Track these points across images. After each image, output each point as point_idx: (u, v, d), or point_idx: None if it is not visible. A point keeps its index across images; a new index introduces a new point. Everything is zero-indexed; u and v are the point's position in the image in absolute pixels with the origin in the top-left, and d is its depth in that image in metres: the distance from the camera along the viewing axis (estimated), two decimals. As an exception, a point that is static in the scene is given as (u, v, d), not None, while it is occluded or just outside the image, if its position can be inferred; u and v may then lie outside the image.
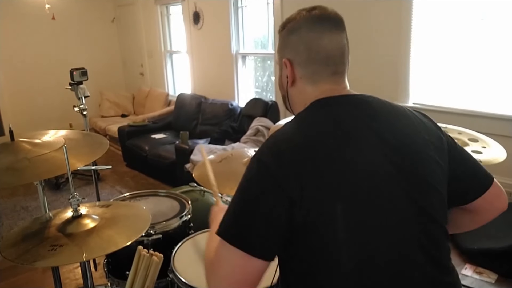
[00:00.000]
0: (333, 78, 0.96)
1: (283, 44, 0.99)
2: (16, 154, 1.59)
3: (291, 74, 0.97)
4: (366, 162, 0.85)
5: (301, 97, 0.98)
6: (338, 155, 0.84)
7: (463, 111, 2.95)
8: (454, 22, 2.93)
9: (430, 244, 0.88)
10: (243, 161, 1.88)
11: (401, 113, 0.97)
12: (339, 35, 0.95)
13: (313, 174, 0.82)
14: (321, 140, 0.86)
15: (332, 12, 0.97)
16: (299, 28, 0.95)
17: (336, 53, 0.95)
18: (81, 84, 2.43)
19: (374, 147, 0.87)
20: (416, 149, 0.91)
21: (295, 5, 4.37)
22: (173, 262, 1.57)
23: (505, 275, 2.11)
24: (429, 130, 0.96)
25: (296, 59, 0.96)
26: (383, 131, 0.90)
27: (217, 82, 5.20)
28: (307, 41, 0.94)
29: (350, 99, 0.95)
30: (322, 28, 0.94)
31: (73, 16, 6.54)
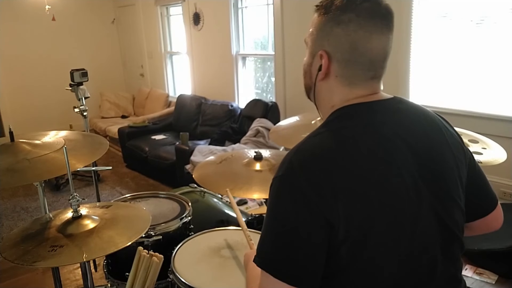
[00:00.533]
0: (370, 82, 0.88)
1: (324, 31, 0.87)
2: (16, 155, 1.59)
3: (326, 69, 0.88)
4: (395, 177, 0.81)
5: (330, 95, 0.90)
6: (369, 168, 0.79)
7: (463, 112, 2.95)
8: (454, 22, 2.93)
9: (448, 260, 0.87)
10: (243, 162, 1.88)
11: (432, 123, 0.92)
12: (387, 37, 0.87)
13: (349, 191, 0.77)
14: (355, 154, 0.80)
15: (385, 7, 0.86)
16: (348, 22, 0.84)
17: (380, 57, 0.87)
18: (81, 85, 2.43)
19: (406, 160, 0.83)
20: (443, 164, 0.88)
21: (295, 6, 4.37)
22: (173, 263, 1.57)
23: (505, 275, 2.11)
24: (456, 143, 0.93)
25: (336, 56, 0.86)
26: (415, 143, 0.85)
27: (217, 83, 5.21)
28: (354, 40, 0.84)
29: (383, 106, 0.88)
30: (373, 27, 0.84)
31: (73, 17, 6.55)
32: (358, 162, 0.79)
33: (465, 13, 2.86)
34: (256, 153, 1.86)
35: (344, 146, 0.81)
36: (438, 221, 0.85)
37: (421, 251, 0.83)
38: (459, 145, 0.95)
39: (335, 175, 0.77)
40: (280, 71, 4.27)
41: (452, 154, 0.90)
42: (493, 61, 2.80)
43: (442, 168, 0.87)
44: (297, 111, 2.95)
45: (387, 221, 0.79)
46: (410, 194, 0.81)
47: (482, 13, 2.78)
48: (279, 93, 4.37)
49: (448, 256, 0.87)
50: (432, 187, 0.84)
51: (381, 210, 0.79)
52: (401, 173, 0.82)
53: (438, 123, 0.93)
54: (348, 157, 0.79)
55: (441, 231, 0.85)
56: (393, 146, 0.83)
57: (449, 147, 0.91)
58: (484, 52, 2.82)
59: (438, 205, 0.85)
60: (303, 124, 1.98)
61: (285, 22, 4.06)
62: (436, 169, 0.86)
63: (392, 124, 0.86)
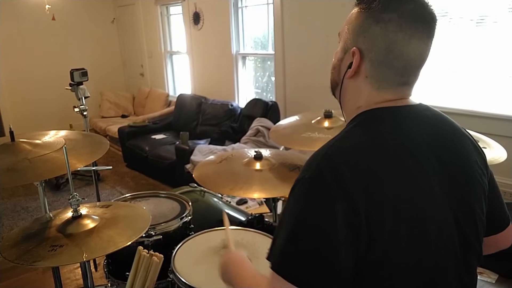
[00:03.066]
0: (401, 88, 0.85)
1: (361, 28, 0.83)
2: (16, 155, 1.60)
3: (356, 67, 0.84)
4: (421, 182, 0.79)
5: (357, 96, 0.87)
6: (396, 172, 0.77)
7: (464, 111, 2.95)
8: (454, 22, 2.93)
9: (466, 273, 0.85)
10: (243, 162, 1.88)
11: (459, 133, 0.90)
12: (427, 44, 0.82)
13: (379, 198, 0.74)
14: (385, 160, 0.78)
15: (430, 11, 0.82)
16: (388, 22, 0.79)
17: (415, 63, 0.83)
18: (81, 85, 2.43)
19: (433, 168, 0.81)
20: (469, 174, 0.86)
21: (295, 5, 4.37)
22: (173, 263, 1.57)
23: (506, 275, 2.11)
24: (478, 153, 0.91)
25: (369, 55, 0.82)
26: (442, 151, 0.84)
27: (217, 82, 5.21)
28: (391, 41, 0.80)
29: (412, 112, 0.85)
30: (413, 30, 0.80)
31: (73, 16, 6.54)
32: (388, 169, 0.77)
33: (465, 13, 2.86)
34: (256, 153, 1.86)
35: (374, 152, 0.78)
36: (459, 231, 0.83)
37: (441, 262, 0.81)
38: (482, 156, 0.93)
39: (364, 179, 0.75)
40: (280, 70, 4.26)
41: (477, 165, 0.88)
42: (493, 61, 2.80)
43: (467, 179, 0.86)
44: (297, 110, 2.95)
45: (413, 229, 0.77)
46: (437, 203, 0.80)
47: (482, 13, 2.78)
48: (279, 92, 4.37)
49: (466, 267, 0.86)
50: (457, 197, 0.83)
51: (408, 218, 0.77)
52: (428, 181, 0.80)
53: (462, 133, 0.91)
54: (378, 163, 0.77)
55: (461, 241, 0.83)
56: (420, 154, 0.81)
57: (475, 158, 0.89)
58: (484, 51, 2.82)
59: (461, 216, 0.83)
60: (303, 123, 1.98)
61: (285, 22, 4.06)
62: (461, 179, 0.85)
63: (420, 131, 0.84)
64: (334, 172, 0.75)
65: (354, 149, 0.79)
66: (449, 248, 0.82)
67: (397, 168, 0.78)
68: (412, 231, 0.77)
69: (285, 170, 1.81)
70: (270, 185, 1.73)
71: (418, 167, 0.80)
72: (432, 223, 0.79)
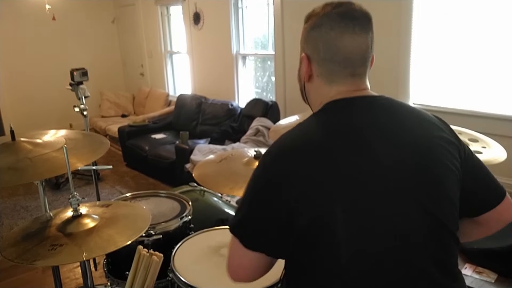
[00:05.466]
0: (351, 79, 0.94)
1: (304, 38, 0.97)
2: (17, 154, 1.60)
3: (308, 70, 0.96)
4: (373, 167, 0.84)
5: (317, 94, 0.97)
6: (345, 159, 0.84)
7: (463, 111, 2.95)
8: (454, 21, 2.93)
9: (440, 251, 0.87)
10: (243, 161, 1.88)
11: (417, 117, 0.95)
12: (362, 36, 0.92)
13: (315, 175, 0.82)
14: (328, 144, 0.86)
15: (358, 10, 0.93)
16: (321, 25, 0.92)
17: (356, 55, 0.92)
18: (81, 84, 2.44)
19: (384, 151, 0.85)
20: (428, 154, 0.89)
21: (295, 6, 4.37)
22: (173, 262, 1.57)
23: (505, 274, 2.11)
24: (443, 136, 0.94)
25: (314, 57, 0.95)
26: (396, 135, 0.88)
27: (217, 82, 5.21)
28: (326, 40, 0.92)
29: (364, 101, 0.93)
30: (344, 27, 0.91)
31: (73, 16, 6.55)
32: (333, 152, 0.84)
33: (466, 12, 2.86)
34: (256, 152, 1.87)
35: (323, 136, 0.87)
36: (425, 212, 0.85)
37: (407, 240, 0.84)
38: (449, 139, 0.94)
39: (308, 164, 0.83)
40: (280, 70, 4.27)
41: (441, 147, 0.91)
42: (493, 60, 2.80)
43: (429, 160, 0.88)
44: (297, 110, 2.95)
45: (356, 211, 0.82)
46: (393, 186, 0.84)
47: (482, 12, 2.78)
48: (279, 92, 4.37)
49: (441, 247, 0.87)
50: (417, 179, 0.86)
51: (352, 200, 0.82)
52: (378, 163, 0.84)
53: (425, 119, 0.95)
54: (326, 147, 0.85)
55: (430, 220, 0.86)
56: (371, 138, 0.86)
57: (437, 141, 0.91)
58: (484, 51, 2.82)
59: (425, 196, 0.85)
60: (303, 123, 1.98)
61: (285, 22, 4.06)
62: (422, 161, 0.87)
63: (371, 117, 0.90)
64: (278, 155, 0.88)
65: (300, 137, 0.89)
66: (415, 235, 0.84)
67: (341, 154, 0.84)
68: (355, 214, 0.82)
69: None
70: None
71: (364, 151, 0.85)
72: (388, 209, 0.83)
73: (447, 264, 0.90)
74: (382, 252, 0.83)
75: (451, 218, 0.90)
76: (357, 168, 0.83)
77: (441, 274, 0.87)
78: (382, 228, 0.83)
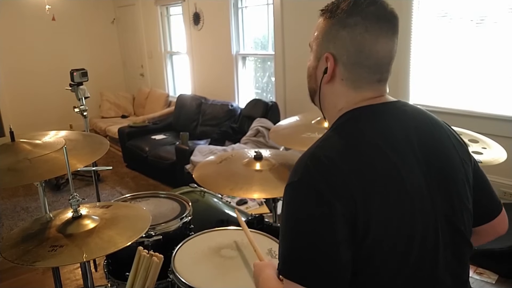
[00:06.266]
0: (377, 85, 0.89)
1: (329, 35, 0.88)
2: (17, 155, 1.60)
3: (331, 72, 0.88)
4: (406, 178, 0.81)
5: (335, 99, 0.91)
6: (381, 170, 0.80)
7: (463, 111, 2.95)
8: (454, 22, 2.93)
9: (456, 261, 0.87)
10: (243, 162, 1.88)
11: (437, 125, 0.93)
12: (393, 40, 0.88)
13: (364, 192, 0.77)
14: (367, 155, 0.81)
15: (390, 10, 0.87)
16: (354, 25, 0.84)
17: (386, 60, 0.88)
18: (81, 85, 2.43)
19: (412, 161, 0.83)
20: (451, 164, 0.88)
21: (295, 6, 4.36)
22: (173, 263, 1.57)
23: (506, 275, 2.11)
24: (461, 146, 0.94)
25: (342, 59, 0.87)
26: (422, 144, 0.86)
27: (217, 83, 5.21)
28: (360, 43, 0.84)
29: (390, 108, 0.89)
30: (379, 30, 0.85)
31: (73, 17, 6.55)
32: (370, 164, 0.80)
33: (465, 13, 2.86)
34: (256, 153, 1.86)
35: (356, 148, 0.82)
36: (447, 222, 0.85)
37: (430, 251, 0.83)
38: (464, 147, 0.95)
39: (351, 178, 0.77)
40: (280, 71, 4.27)
41: (458, 155, 0.91)
42: (493, 61, 2.80)
43: (449, 169, 0.88)
44: (297, 111, 2.95)
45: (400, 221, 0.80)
46: (422, 194, 0.82)
47: (482, 13, 2.78)
48: (279, 93, 4.37)
49: (457, 258, 0.87)
50: (440, 188, 0.85)
51: (395, 210, 0.79)
52: (412, 173, 0.82)
53: (442, 126, 0.94)
54: (361, 159, 0.80)
55: (450, 231, 0.86)
56: (402, 147, 0.84)
57: (455, 149, 0.91)
58: (484, 52, 2.82)
59: (447, 206, 0.85)
60: (303, 124, 1.98)
61: (285, 22, 4.06)
62: (443, 169, 0.87)
63: (399, 125, 0.87)
64: (322, 172, 0.78)
65: (337, 148, 0.82)
66: (436, 241, 0.83)
67: (378, 163, 0.81)
68: (399, 227, 0.79)
69: (285, 171, 1.81)
70: (270, 185, 1.73)
71: (398, 163, 0.82)
72: (417, 217, 0.81)
73: (461, 273, 0.90)
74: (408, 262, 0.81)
75: (468, 228, 0.90)
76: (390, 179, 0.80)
77: (453, 283, 0.87)
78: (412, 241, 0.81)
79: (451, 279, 0.86)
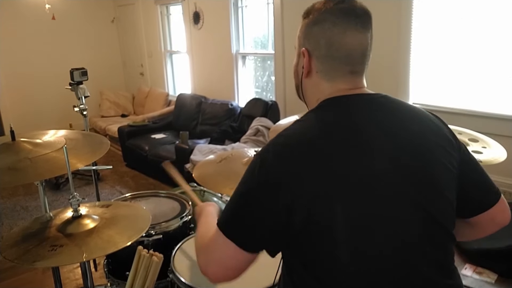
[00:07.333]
0: (350, 77, 0.93)
1: (305, 33, 0.96)
2: (17, 154, 1.60)
3: (307, 65, 0.95)
4: (371, 165, 0.84)
5: (315, 91, 0.97)
6: (343, 159, 0.83)
7: (464, 111, 2.95)
8: (454, 21, 2.93)
9: (435, 249, 0.88)
10: (243, 161, 1.88)
11: (414, 115, 0.95)
12: (363, 34, 0.92)
13: (313, 175, 0.81)
14: (326, 143, 0.84)
15: (360, 7, 0.93)
16: (323, 21, 0.91)
17: (356, 52, 0.92)
18: (81, 84, 2.43)
19: (382, 149, 0.85)
20: (425, 152, 0.89)
21: (295, 4, 4.36)
22: (173, 263, 1.57)
23: (505, 275, 2.11)
24: (442, 135, 0.94)
25: (315, 52, 0.94)
26: (393, 133, 0.88)
27: (217, 82, 5.21)
28: (329, 36, 0.91)
29: (362, 98, 0.93)
30: (347, 24, 0.90)
31: (73, 16, 6.54)
32: (333, 151, 0.84)
33: (466, 12, 2.86)
34: (256, 152, 1.86)
35: (320, 134, 0.86)
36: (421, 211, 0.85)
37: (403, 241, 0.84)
38: (447, 137, 0.95)
39: (306, 163, 0.82)
40: (280, 70, 4.26)
41: (438, 145, 0.91)
42: (492, 60, 2.80)
43: (425, 160, 0.88)
44: (297, 110, 2.95)
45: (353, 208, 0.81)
46: (389, 185, 0.84)
47: (482, 12, 2.78)
48: (279, 92, 4.37)
49: (437, 246, 0.88)
50: (413, 178, 0.86)
51: (349, 197, 0.81)
52: (379, 163, 0.84)
53: (422, 117, 0.95)
54: (323, 145, 0.84)
55: (426, 220, 0.86)
56: (369, 136, 0.86)
57: (435, 139, 0.92)
58: (484, 51, 2.82)
59: (421, 196, 0.86)
60: (303, 123, 1.98)
61: (285, 21, 4.06)
62: (417, 160, 0.88)
63: (369, 115, 0.90)
64: (278, 151, 0.86)
65: (300, 133, 0.88)
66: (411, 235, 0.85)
67: (341, 151, 0.84)
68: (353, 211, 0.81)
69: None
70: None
71: (364, 148, 0.85)
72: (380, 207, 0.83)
73: (443, 262, 0.90)
74: (379, 252, 0.83)
75: (447, 217, 0.90)
76: (354, 168, 0.83)
77: (436, 272, 0.87)
78: (379, 229, 0.83)
79: (432, 269, 0.87)
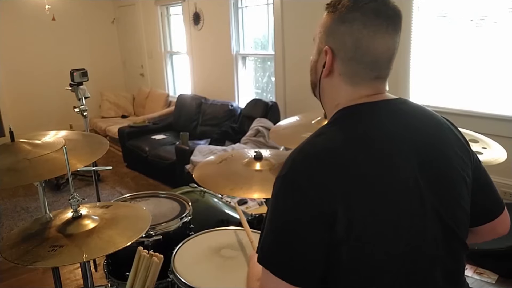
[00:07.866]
0: (374, 82, 0.88)
1: (330, 29, 0.88)
2: (16, 155, 1.59)
3: (329, 66, 0.88)
4: (396, 177, 0.81)
5: (334, 93, 0.91)
6: (370, 168, 0.80)
7: (464, 111, 2.95)
8: (454, 22, 2.93)
9: (449, 260, 0.87)
10: (243, 162, 1.88)
11: (434, 121, 0.92)
12: (393, 37, 0.87)
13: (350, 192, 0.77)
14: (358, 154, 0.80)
15: (392, 7, 0.86)
16: (352, 20, 0.84)
17: (384, 57, 0.87)
18: (81, 85, 2.43)
19: (408, 160, 0.83)
20: (447, 163, 0.88)
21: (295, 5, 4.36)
22: (173, 263, 1.57)
23: (506, 275, 2.11)
24: (459, 143, 0.93)
25: (340, 53, 0.87)
26: (418, 143, 0.86)
27: (217, 83, 5.21)
28: (357, 38, 0.84)
29: (387, 106, 0.88)
30: (377, 26, 0.84)
31: (73, 17, 6.55)
32: (360, 163, 0.80)
33: (465, 13, 2.86)
34: (256, 153, 1.86)
35: (347, 147, 0.81)
36: (439, 220, 0.85)
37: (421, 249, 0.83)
38: (464, 146, 0.94)
39: (337, 176, 0.78)
40: (280, 70, 4.26)
41: (456, 154, 0.90)
42: (493, 61, 2.80)
43: (445, 167, 0.87)
44: (297, 110, 2.95)
45: (387, 221, 0.79)
46: (411, 192, 0.82)
47: (482, 13, 2.78)
48: (279, 93, 4.37)
49: (450, 255, 0.87)
50: (434, 186, 0.84)
51: (382, 210, 0.79)
52: (403, 172, 0.82)
53: (442, 124, 0.93)
54: (351, 158, 0.80)
55: (442, 229, 0.85)
56: (396, 147, 0.83)
57: (453, 148, 0.90)
58: (484, 51, 2.82)
59: (439, 204, 0.85)
60: (303, 124, 1.98)
61: (285, 22, 4.06)
62: (438, 168, 0.86)
63: (395, 124, 0.86)
64: (306, 168, 0.79)
65: (327, 145, 0.82)
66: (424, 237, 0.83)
67: (370, 162, 0.80)
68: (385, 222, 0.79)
69: (285, 171, 1.81)
70: (270, 185, 1.72)
71: (392, 159, 0.82)
72: (404, 215, 0.81)
73: (454, 272, 0.89)
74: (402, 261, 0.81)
75: (462, 226, 0.89)
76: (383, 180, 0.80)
77: (445, 282, 0.86)
78: (402, 237, 0.81)
79: (444, 276, 0.86)
